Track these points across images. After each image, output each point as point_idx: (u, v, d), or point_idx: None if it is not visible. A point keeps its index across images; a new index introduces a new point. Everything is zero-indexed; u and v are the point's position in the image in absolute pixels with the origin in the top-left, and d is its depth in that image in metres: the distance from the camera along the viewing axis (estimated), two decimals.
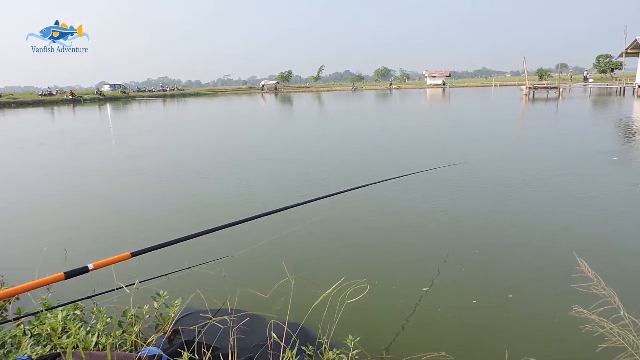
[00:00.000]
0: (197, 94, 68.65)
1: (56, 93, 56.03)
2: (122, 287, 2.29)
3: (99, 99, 53.35)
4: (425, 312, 3.05)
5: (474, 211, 5.31)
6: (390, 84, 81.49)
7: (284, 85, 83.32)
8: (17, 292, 1.46)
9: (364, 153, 10.25)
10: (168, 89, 73.93)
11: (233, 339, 2.00)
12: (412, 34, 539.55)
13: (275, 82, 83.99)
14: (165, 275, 2.53)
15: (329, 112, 27.05)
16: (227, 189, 7.08)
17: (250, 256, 3.93)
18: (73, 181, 8.31)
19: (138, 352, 2.01)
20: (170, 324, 2.55)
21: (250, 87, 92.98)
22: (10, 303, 3.14)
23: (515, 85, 57.64)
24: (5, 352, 2.05)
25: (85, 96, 53.56)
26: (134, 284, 2.35)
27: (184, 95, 65.39)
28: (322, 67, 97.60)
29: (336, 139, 13.22)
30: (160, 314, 2.63)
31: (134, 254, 1.66)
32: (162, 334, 2.62)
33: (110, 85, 67.24)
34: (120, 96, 58.44)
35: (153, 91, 69.50)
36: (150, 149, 12.35)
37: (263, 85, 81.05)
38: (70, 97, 51.43)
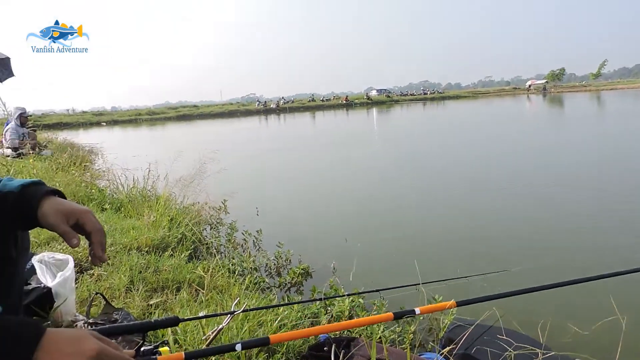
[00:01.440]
0: (456, 97, 68.07)
1: (332, 98, 64.50)
2: (404, 286, 2.37)
3: (367, 103, 58.45)
4: None
5: None
6: None
7: (555, 85, 74.75)
8: (348, 326, 1.40)
9: None
10: (429, 92, 75.61)
11: None
12: None
13: (544, 81, 76.20)
14: (444, 280, 2.50)
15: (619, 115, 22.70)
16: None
17: (532, 275, 3.57)
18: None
19: (419, 354, 2.03)
20: (444, 331, 2.52)
21: (515, 88, 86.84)
22: (306, 280, 3.69)
23: None
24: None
25: (356, 101, 59.58)
26: (416, 284, 2.41)
27: (444, 98, 65.74)
28: (604, 62, 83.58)
29: None
30: (435, 319, 2.63)
31: (459, 304, 1.54)
32: (433, 339, 2.63)
33: (377, 90, 73.04)
34: (385, 100, 62.72)
35: (414, 95, 72.32)
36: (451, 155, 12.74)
37: (529, 86, 74.66)
38: (345, 102, 57.98)
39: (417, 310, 1.46)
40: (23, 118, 8.66)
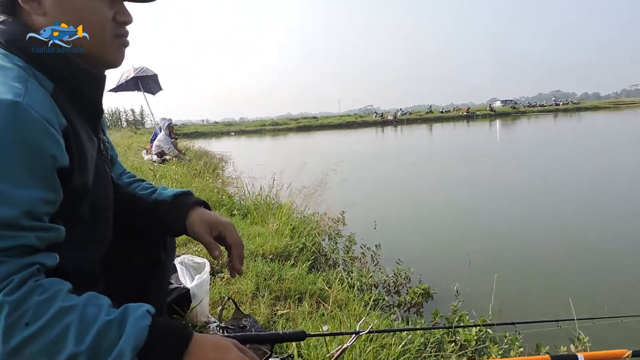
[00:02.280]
0: (594, 108, 61.41)
1: (452, 110, 62.26)
2: (545, 321, 2.12)
3: (490, 114, 55.43)
4: None
5: None
6: None
7: None
8: None
9: None
10: (561, 103, 69.25)
11: None
12: None
13: None
14: (614, 317, 2.19)
15: None
16: None
17: None
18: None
19: None
20: None
21: None
22: (426, 301, 3.53)
23: None
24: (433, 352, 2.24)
25: (478, 112, 56.82)
26: (557, 320, 2.14)
27: (579, 110, 59.65)
28: None
29: None
30: None
31: (635, 354, 1.28)
32: None
33: (502, 102, 68.80)
34: (510, 112, 58.90)
35: (544, 106, 66.73)
36: None
37: None
38: (465, 113, 55.68)
39: (581, 357, 1.25)
40: (171, 127, 9.77)
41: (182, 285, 2.17)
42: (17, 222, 0.70)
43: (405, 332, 2.19)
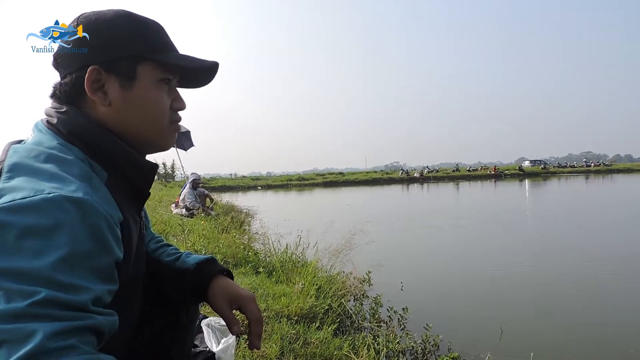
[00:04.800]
0: (627, 170, 59.90)
1: (480, 168, 61.83)
2: None
3: (519, 174, 54.75)
4: None
5: None
6: None
7: None
8: None
9: None
10: (593, 164, 67.94)
11: None
12: None
13: None
14: None
15: None
16: None
17: None
18: None
19: None
20: None
21: None
22: None
23: None
24: None
25: (507, 172, 56.22)
26: None
27: (611, 171, 58.32)
28: None
29: None
30: None
31: None
32: None
33: (531, 162, 68.04)
34: (540, 172, 58.04)
35: (575, 167, 65.59)
36: None
37: None
38: (493, 172, 55.15)
39: None
40: (195, 183, 10.00)
41: (207, 349, 2.14)
42: (88, 308, 0.72)
43: None
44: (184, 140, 13.90)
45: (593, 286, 5.95)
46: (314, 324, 3.31)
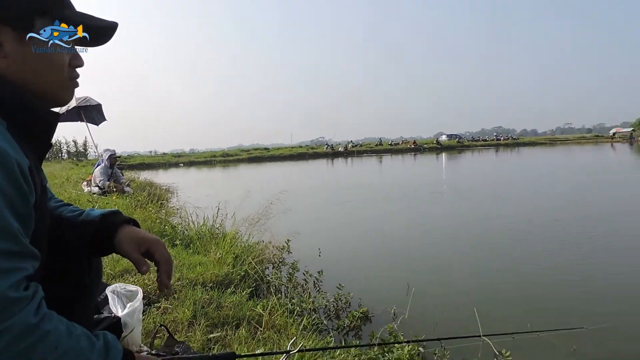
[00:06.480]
0: (532, 144, 65.27)
1: (401, 143, 64.36)
2: (466, 337, 2.26)
3: (437, 147, 57.61)
4: None
5: None
6: None
7: None
8: None
9: None
10: (502, 138, 73.15)
11: None
12: None
13: (629, 129, 71.19)
14: (512, 334, 2.35)
15: None
16: None
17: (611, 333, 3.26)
18: None
19: None
20: None
21: (597, 136, 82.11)
22: (365, 324, 3.61)
23: None
24: None
25: (425, 145, 58.91)
26: (478, 335, 2.28)
27: (518, 145, 63.22)
28: None
29: None
30: None
31: None
32: None
33: (447, 136, 71.83)
34: (456, 145, 61.48)
35: (487, 140, 70.27)
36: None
37: (614, 134, 70.30)
38: (413, 146, 57.55)
39: None
40: (112, 159, 9.40)
41: (112, 315, 2.13)
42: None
43: (337, 351, 2.25)
44: (94, 114, 12.94)
45: (483, 246, 6.54)
46: (229, 290, 3.37)
